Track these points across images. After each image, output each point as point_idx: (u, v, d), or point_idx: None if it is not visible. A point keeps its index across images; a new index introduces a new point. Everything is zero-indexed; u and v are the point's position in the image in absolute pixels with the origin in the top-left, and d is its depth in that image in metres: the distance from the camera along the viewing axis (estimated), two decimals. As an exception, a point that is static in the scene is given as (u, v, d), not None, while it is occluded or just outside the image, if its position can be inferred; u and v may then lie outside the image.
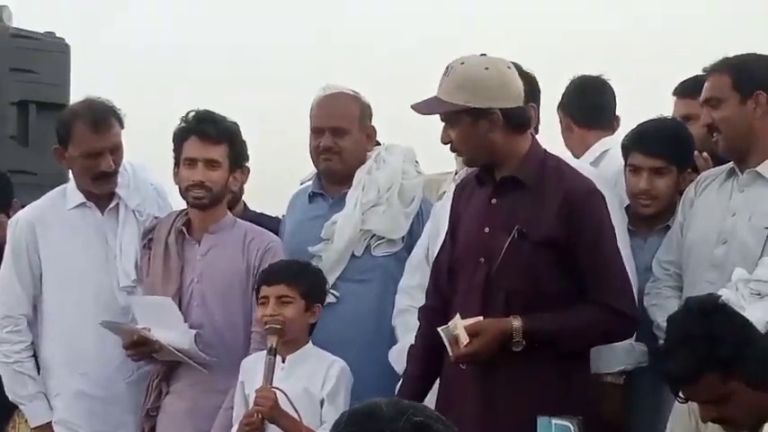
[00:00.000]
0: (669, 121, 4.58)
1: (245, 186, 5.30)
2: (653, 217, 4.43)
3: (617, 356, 4.15)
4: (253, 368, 4.19)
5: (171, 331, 4.40)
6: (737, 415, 3.36)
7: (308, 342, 4.26)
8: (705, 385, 3.32)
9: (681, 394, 3.39)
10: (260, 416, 4.04)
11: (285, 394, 3.99)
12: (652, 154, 4.38)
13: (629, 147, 4.46)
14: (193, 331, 4.41)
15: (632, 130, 4.54)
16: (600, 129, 4.98)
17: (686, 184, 4.40)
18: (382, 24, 10.83)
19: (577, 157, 4.74)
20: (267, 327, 4.14)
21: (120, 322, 4.51)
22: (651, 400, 4.26)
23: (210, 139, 4.49)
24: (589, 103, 5.02)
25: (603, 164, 4.80)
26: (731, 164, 4.18)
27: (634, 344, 4.18)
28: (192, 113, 4.57)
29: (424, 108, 3.99)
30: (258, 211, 5.38)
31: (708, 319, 3.37)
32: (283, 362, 4.19)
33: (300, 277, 4.21)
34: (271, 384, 4.03)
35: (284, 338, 4.14)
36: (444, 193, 4.59)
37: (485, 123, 3.83)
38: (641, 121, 4.62)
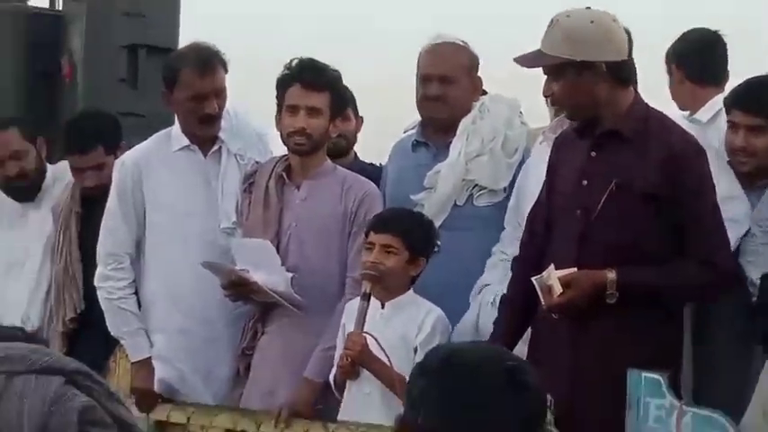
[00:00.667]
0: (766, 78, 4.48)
1: (359, 135, 5.37)
2: (752, 174, 4.37)
3: None
4: (355, 312, 4.22)
5: (268, 273, 4.45)
6: None
7: (409, 290, 4.26)
8: None
9: None
10: (350, 359, 4.08)
11: (376, 339, 4.02)
12: (750, 111, 4.32)
13: (729, 104, 4.42)
14: (290, 274, 4.46)
15: (735, 87, 4.49)
16: (714, 85, 4.90)
17: None
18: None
19: (687, 111, 4.67)
20: (364, 272, 4.17)
21: (220, 263, 4.58)
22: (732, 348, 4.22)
23: (313, 86, 4.51)
24: (707, 59, 4.93)
25: (719, 121, 4.74)
26: None
27: None
28: (296, 61, 4.60)
29: (527, 61, 3.96)
30: (368, 161, 5.43)
31: None
32: (383, 308, 4.23)
33: (409, 229, 4.21)
34: (362, 329, 4.07)
35: (379, 286, 4.16)
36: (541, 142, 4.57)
37: (589, 76, 3.80)
38: (747, 78, 4.55)
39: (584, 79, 3.80)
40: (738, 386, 4.11)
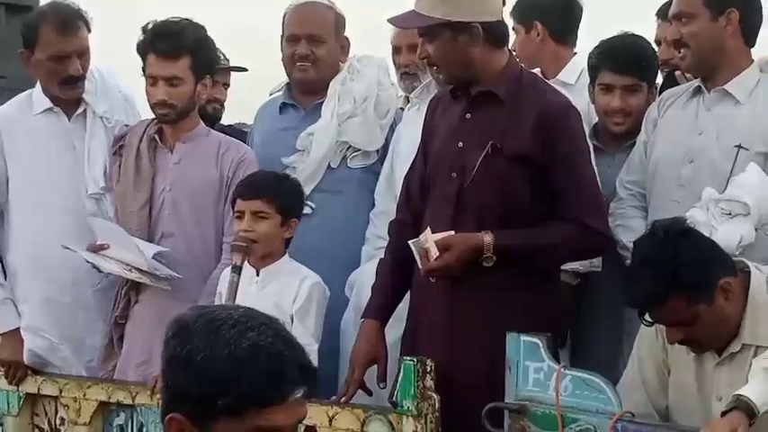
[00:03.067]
0: (633, 37, 4.51)
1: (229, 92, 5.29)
2: (623, 134, 4.41)
3: None
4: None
5: (128, 251, 4.36)
6: (704, 336, 3.37)
7: (284, 255, 4.22)
8: (670, 308, 3.32)
9: (647, 317, 3.40)
10: None
11: None
12: (624, 72, 4.35)
13: (598, 65, 4.42)
14: (152, 251, 4.36)
15: (598, 48, 4.48)
16: (571, 45, 4.92)
17: (654, 99, 4.38)
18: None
19: (547, 73, 4.68)
20: (233, 244, 4.10)
21: (77, 250, 4.44)
22: (607, 310, 4.27)
23: (169, 55, 4.39)
24: (572, 17, 4.94)
25: (582, 81, 4.76)
26: (695, 82, 4.15)
27: None
28: (150, 25, 4.46)
29: (402, 22, 3.95)
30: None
31: (673, 243, 3.36)
32: (258, 275, 4.17)
33: (278, 192, 4.16)
34: (233, 302, 4.00)
35: (252, 256, 4.11)
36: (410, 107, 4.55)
37: (465, 38, 3.78)
38: (604, 39, 4.56)
39: (460, 41, 3.78)
40: (614, 347, 4.18)
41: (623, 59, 4.35)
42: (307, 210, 4.42)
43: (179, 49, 4.40)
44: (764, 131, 3.94)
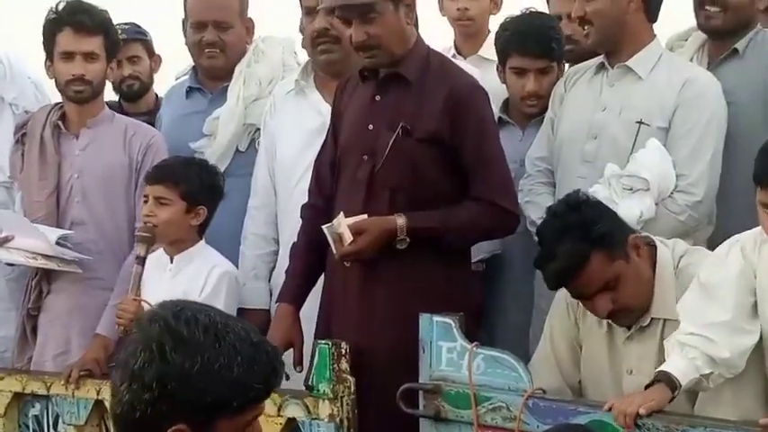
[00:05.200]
0: (540, 17, 4.53)
1: (156, 76, 5.24)
2: (535, 114, 4.46)
3: (477, 246, 4.16)
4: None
5: (32, 238, 4.32)
6: (630, 299, 3.42)
7: (198, 242, 4.20)
8: (593, 270, 3.38)
9: (570, 293, 3.45)
10: (122, 328, 4.00)
11: (150, 304, 3.85)
12: (536, 55, 4.37)
13: (508, 48, 4.42)
14: (56, 234, 4.33)
15: (505, 29, 4.48)
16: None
17: (562, 75, 4.42)
18: None
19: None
20: (136, 234, 4.09)
21: None
22: (516, 286, 4.35)
23: (87, 30, 4.38)
24: None
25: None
26: (600, 58, 4.19)
27: None
28: (63, 4, 4.43)
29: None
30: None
31: (576, 210, 3.47)
32: (171, 262, 4.16)
33: (182, 178, 4.12)
34: (137, 294, 4.00)
35: (156, 243, 4.09)
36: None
37: (405, 10, 3.76)
38: (507, 19, 4.58)
39: (401, 13, 3.76)
40: (524, 323, 4.25)
41: (535, 43, 4.36)
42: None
43: (96, 25, 4.40)
44: (664, 107, 3.99)
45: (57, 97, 4.62)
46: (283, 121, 4.42)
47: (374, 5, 3.72)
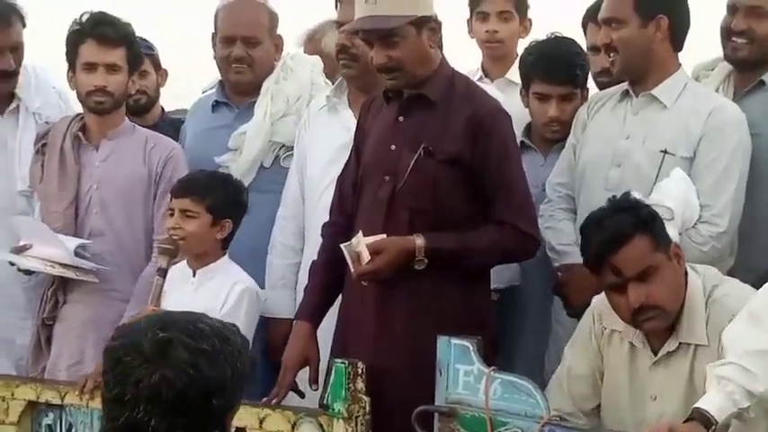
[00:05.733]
0: (565, 43, 4.52)
1: (163, 90, 5.25)
2: (558, 140, 4.45)
3: (496, 274, 4.12)
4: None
5: (52, 247, 4.32)
6: (664, 296, 3.40)
7: (222, 256, 4.20)
8: (634, 250, 3.39)
9: (604, 276, 3.43)
10: None
11: None
12: (559, 82, 4.38)
13: (532, 74, 4.43)
14: (75, 243, 4.33)
15: (530, 53, 4.50)
16: None
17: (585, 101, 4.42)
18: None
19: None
20: (158, 246, 4.09)
21: None
22: (534, 313, 4.34)
23: (110, 42, 4.39)
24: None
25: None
26: (624, 86, 4.19)
27: (508, 263, 4.21)
28: (87, 15, 4.45)
29: (374, 24, 3.75)
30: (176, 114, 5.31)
31: (631, 202, 3.57)
32: (194, 276, 4.16)
33: (208, 192, 4.13)
34: (156, 305, 3.98)
35: (180, 255, 4.10)
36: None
37: (428, 34, 3.77)
38: (533, 43, 4.59)
39: (424, 37, 3.76)
40: (541, 350, 4.24)
41: (558, 70, 4.37)
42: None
43: (119, 37, 4.41)
44: (689, 137, 3.99)
45: (80, 108, 4.63)
46: (314, 136, 4.43)
47: (397, 30, 3.73)
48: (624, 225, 3.42)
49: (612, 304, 3.50)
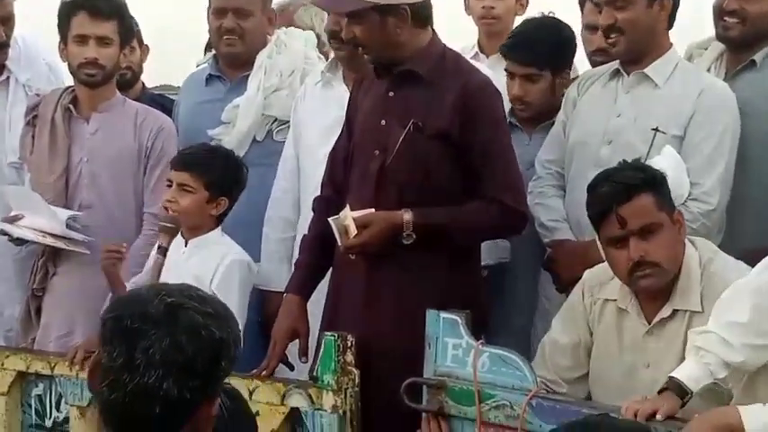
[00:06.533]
0: (542, 25, 4.53)
1: (145, 65, 5.24)
2: (532, 119, 4.46)
3: (486, 251, 4.14)
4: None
5: (43, 217, 4.32)
6: (662, 255, 3.44)
7: (214, 229, 4.18)
8: (639, 205, 3.43)
9: (606, 228, 3.47)
10: None
11: None
12: (522, 62, 4.40)
13: (504, 53, 4.49)
14: (67, 213, 4.33)
15: (511, 32, 4.54)
16: None
17: (566, 84, 4.41)
18: None
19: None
20: (160, 224, 4.09)
21: None
22: (523, 287, 4.35)
23: (101, 14, 4.38)
24: None
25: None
26: (614, 64, 4.19)
27: (497, 240, 4.24)
28: None
29: (330, 4, 3.93)
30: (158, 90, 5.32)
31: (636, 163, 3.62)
32: (185, 245, 4.16)
33: (207, 168, 4.12)
34: (157, 281, 3.98)
35: (175, 236, 4.10)
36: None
37: (393, 20, 3.79)
38: (521, 23, 4.62)
39: (389, 23, 3.79)
40: (527, 328, 4.25)
41: (522, 50, 4.41)
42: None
43: (111, 10, 4.40)
44: (680, 115, 4.00)
45: (70, 80, 4.62)
46: (309, 111, 4.45)
47: (356, 12, 3.78)
48: (635, 179, 3.47)
49: (611, 260, 3.53)
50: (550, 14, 4.59)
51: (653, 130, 3.99)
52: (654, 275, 3.47)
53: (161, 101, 5.04)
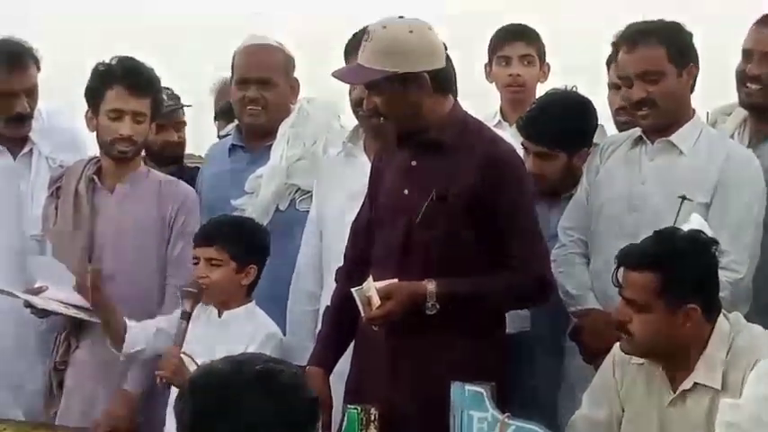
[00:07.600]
0: (562, 102, 4.46)
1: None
2: (550, 193, 4.42)
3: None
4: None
5: (67, 289, 4.29)
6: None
7: (247, 301, 4.19)
8: (642, 281, 3.41)
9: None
10: (163, 380, 3.97)
11: (192, 359, 3.90)
12: (534, 141, 4.37)
13: (518, 127, 4.47)
14: None
15: (530, 106, 4.52)
16: None
17: (585, 160, 4.37)
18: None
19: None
20: (182, 290, 4.08)
21: (14, 291, 4.35)
22: (546, 359, 4.31)
23: (139, 90, 4.36)
24: None
25: None
26: (636, 131, 4.17)
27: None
28: (116, 60, 4.42)
29: (348, 77, 3.93)
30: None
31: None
32: (219, 316, 4.15)
33: (231, 239, 4.12)
34: (180, 348, 3.97)
35: (211, 300, 4.11)
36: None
37: (414, 88, 3.78)
38: (539, 97, 4.60)
39: (409, 91, 3.78)
40: (553, 396, 4.20)
41: (534, 129, 4.37)
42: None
43: (148, 86, 4.39)
44: (706, 183, 3.99)
45: (93, 147, 4.60)
46: (331, 182, 4.44)
47: (378, 82, 3.77)
48: (649, 252, 3.50)
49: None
50: (573, 89, 4.56)
51: (680, 197, 3.96)
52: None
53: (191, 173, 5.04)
